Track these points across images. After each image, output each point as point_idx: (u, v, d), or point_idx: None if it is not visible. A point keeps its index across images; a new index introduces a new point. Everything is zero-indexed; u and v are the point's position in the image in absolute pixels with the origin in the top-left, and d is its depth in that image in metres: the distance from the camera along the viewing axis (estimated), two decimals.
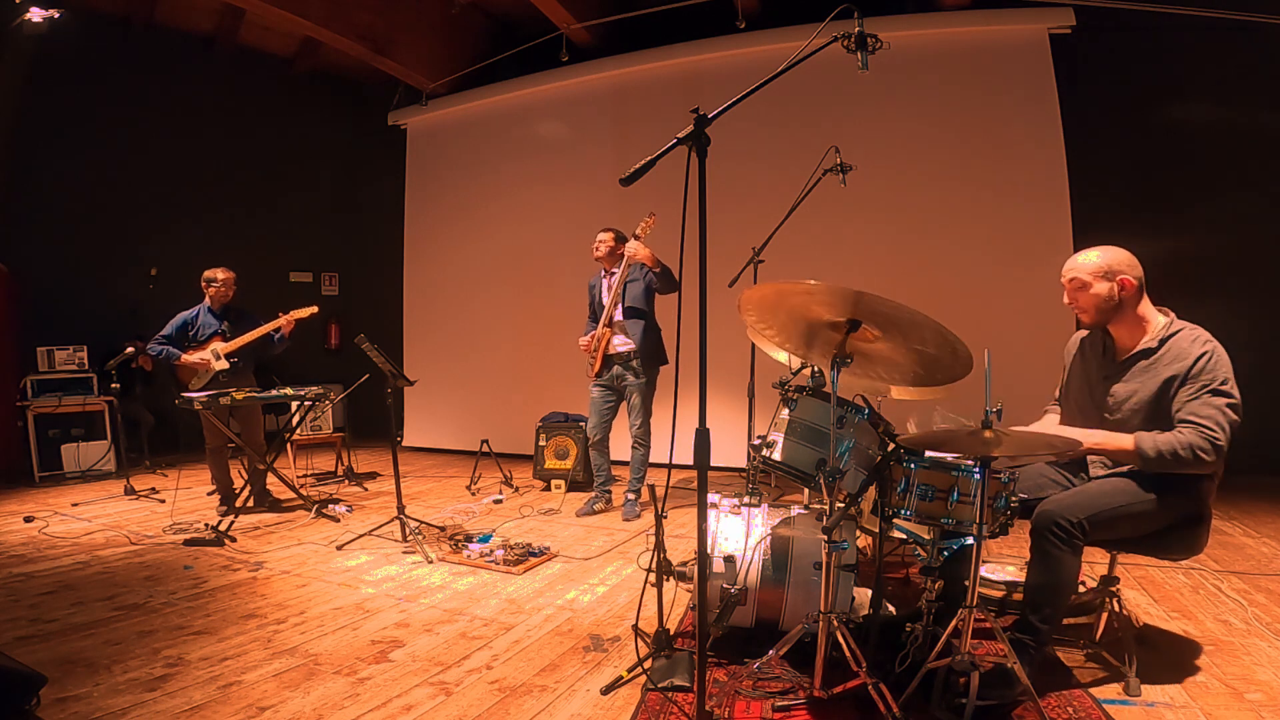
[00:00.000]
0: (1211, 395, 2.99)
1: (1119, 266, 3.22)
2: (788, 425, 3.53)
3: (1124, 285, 3.21)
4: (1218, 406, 2.96)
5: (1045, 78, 7.69)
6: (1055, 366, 3.85)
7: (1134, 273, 3.22)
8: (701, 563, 2.68)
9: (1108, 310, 3.27)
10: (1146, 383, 3.17)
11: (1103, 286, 3.23)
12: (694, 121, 2.56)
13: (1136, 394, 3.19)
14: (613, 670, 3.49)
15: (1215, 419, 2.95)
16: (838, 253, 8.34)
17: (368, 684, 3.37)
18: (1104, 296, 3.24)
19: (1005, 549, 5.22)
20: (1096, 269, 3.24)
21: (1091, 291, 3.26)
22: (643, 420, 6.56)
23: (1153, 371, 3.16)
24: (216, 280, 6.90)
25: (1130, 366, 3.26)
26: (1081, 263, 3.29)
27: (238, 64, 11.60)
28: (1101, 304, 3.26)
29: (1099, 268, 3.24)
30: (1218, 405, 2.97)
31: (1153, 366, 3.17)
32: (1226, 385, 2.99)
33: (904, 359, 3.29)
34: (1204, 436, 2.93)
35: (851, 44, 2.97)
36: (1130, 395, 3.21)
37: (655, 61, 9.44)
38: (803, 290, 3.05)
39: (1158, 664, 3.34)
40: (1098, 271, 3.24)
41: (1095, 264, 3.25)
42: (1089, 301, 3.29)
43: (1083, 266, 3.28)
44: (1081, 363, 3.58)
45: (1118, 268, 3.22)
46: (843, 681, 3.00)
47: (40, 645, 3.85)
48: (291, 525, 6.48)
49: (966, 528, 2.94)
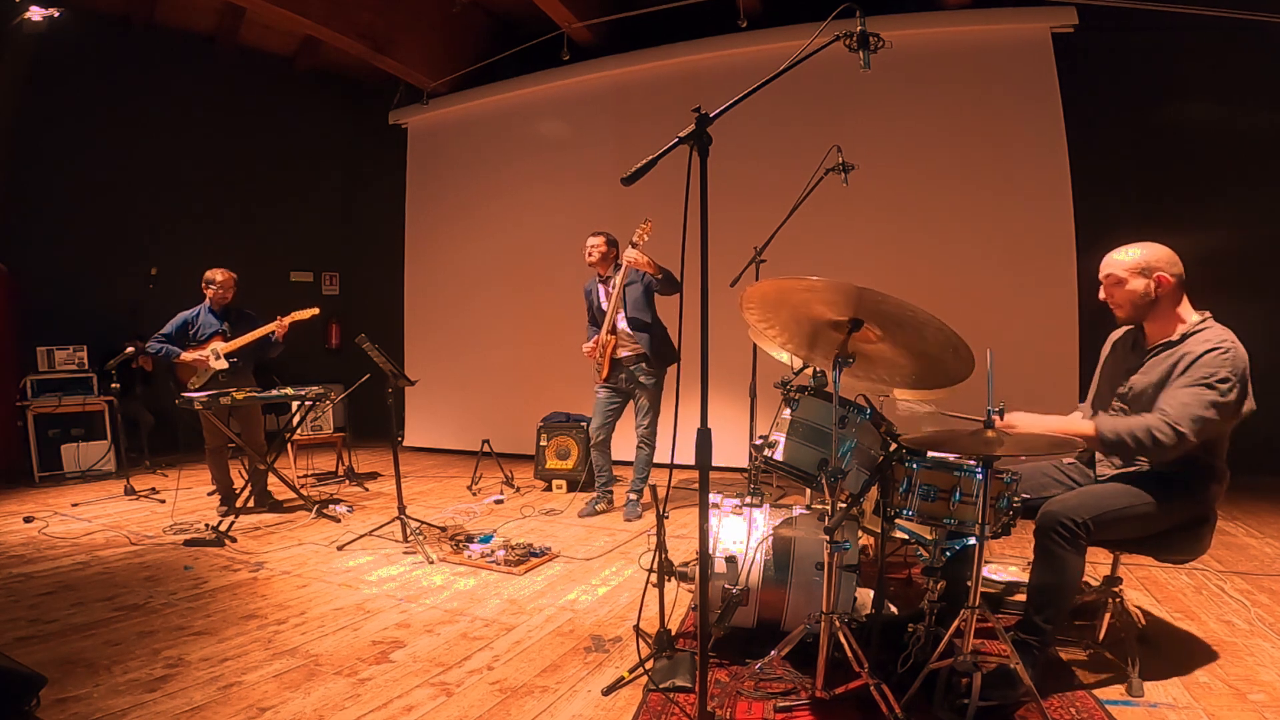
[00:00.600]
0: (1197, 387, 2.98)
1: (1157, 263, 3.21)
2: (789, 425, 3.53)
3: (1160, 282, 3.20)
4: (1196, 397, 2.95)
5: (1048, 77, 7.69)
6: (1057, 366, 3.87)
7: (1172, 270, 3.21)
8: (703, 563, 2.69)
9: (1143, 307, 3.27)
10: (1155, 374, 3.17)
11: (1139, 283, 3.23)
12: (695, 120, 2.56)
13: (1149, 384, 3.19)
14: (614, 671, 3.49)
15: (1188, 410, 2.94)
16: (840, 253, 8.33)
17: (368, 685, 3.38)
18: (1139, 293, 3.24)
19: (1008, 549, 5.23)
20: (1134, 265, 3.24)
21: (1127, 288, 3.26)
22: (650, 420, 6.57)
23: (1166, 363, 3.15)
24: (215, 281, 6.91)
25: (1151, 358, 3.26)
26: (1119, 259, 3.30)
27: (238, 63, 11.60)
28: (1137, 300, 3.26)
29: (1136, 264, 3.24)
30: (1196, 395, 2.96)
31: (1168, 358, 3.16)
32: (1222, 384, 2.96)
33: (906, 359, 3.28)
34: (1165, 420, 2.93)
35: (854, 43, 2.98)
36: (1144, 386, 3.21)
37: (657, 60, 9.45)
38: (805, 287, 3.05)
39: (1161, 664, 3.34)
40: (1135, 268, 3.24)
41: (1133, 260, 3.25)
42: (1124, 297, 3.29)
43: (1120, 263, 3.29)
44: (1112, 358, 3.59)
45: (1156, 264, 3.21)
46: (845, 682, 3.01)
47: (40, 646, 3.86)
48: (292, 525, 6.48)
49: (969, 528, 2.95)
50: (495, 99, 10.76)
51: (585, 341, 6.80)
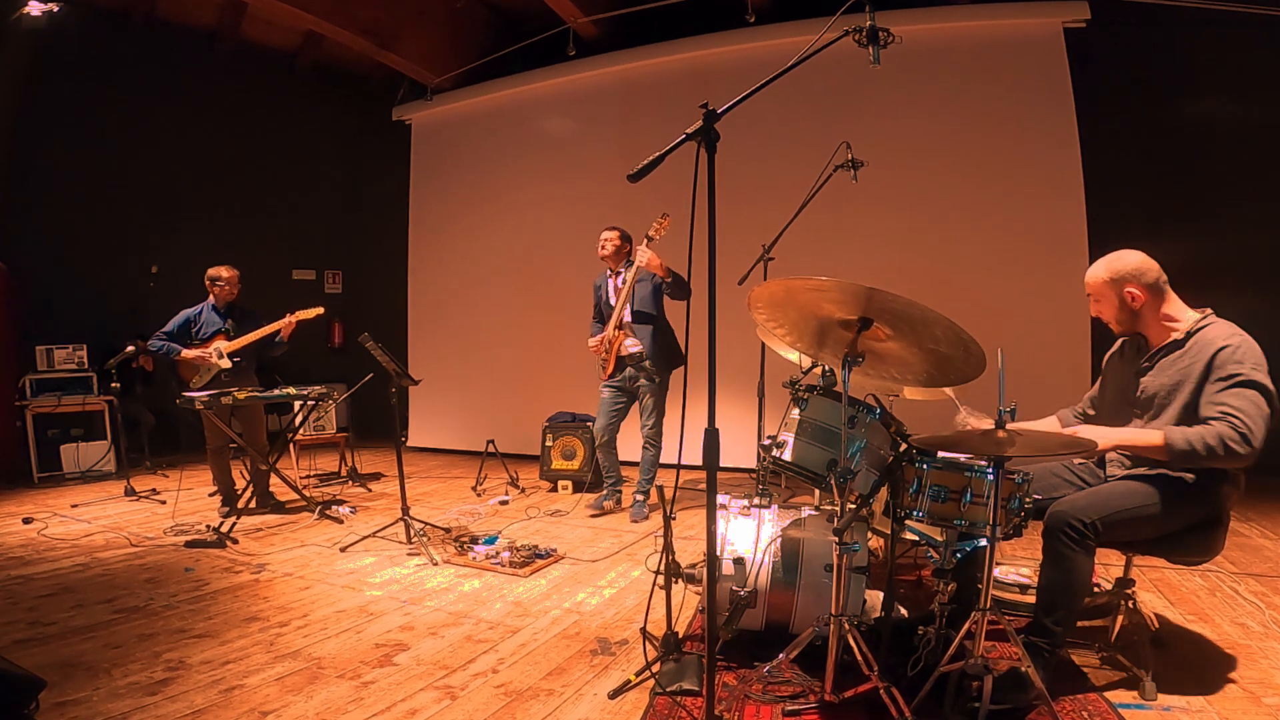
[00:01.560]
0: (1241, 387, 2.97)
1: (1125, 275, 3.26)
2: (798, 425, 3.54)
3: (1132, 296, 3.25)
4: (1249, 398, 2.94)
5: (1060, 72, 7.67)
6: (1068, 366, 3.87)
7: (1143, 280, 3.24)
8: (711, 565, 2.68)
9: (1127, 319, 3.31)
10: (1171, 375, 3.18)
11: (1113, 297, 3.29)
12: (703, 117, 2.55)
13: (1163, 386, 3.19)
14: (620, 674, 3.50)
15: (1246, 410, 2.92)
16: (849, 251, 8.33)
17: (371, 688, 3.39)
18: (1118, 305, 3.30)
19: (1019, 551, 5.22)
20: (1103, 281, 3.30)
21: (1105, 303, 3.32)
22: (655, 420, 6.57)
23: (1179, 364, 3.16)
24: (221, 279, 6.93)
25: (1159, 360, 3.27)
26: (1090, 277, 3.36)
27: (240, 59, 11.60)
28: (1119, 314, 3.32)
29: (1105, 279, 3.30)
30: (1249, 397, 2.95)
31: (1180, 359, 3.17)
32: (1257, 375, 2.97)
33: (916, 358, 3.29)
34: (1234, 427, 2.91)
35: (863, 38, 2.96)
36: (1158, 389, 3.22)
37: (663, 56, 9.45)
38: (813, 287, 3.05)
39: (1174, 667, 3.35)
40: (1105, 283, 3.30)
41: (1101, 276, 3.32)
42: (1108, 313, 3.36)
43: (1092, 280, 3.36)
44: (1120, 362, 3.59)
45: (1123, 277, 3.26)
46: (854, 685, 3.01)
47: (39, 648, 3.87)
48: (294, 527, 6.50)
49: (979, 529, 2.94)
50: (500, 95, 10.77)
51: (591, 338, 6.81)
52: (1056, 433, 3.21)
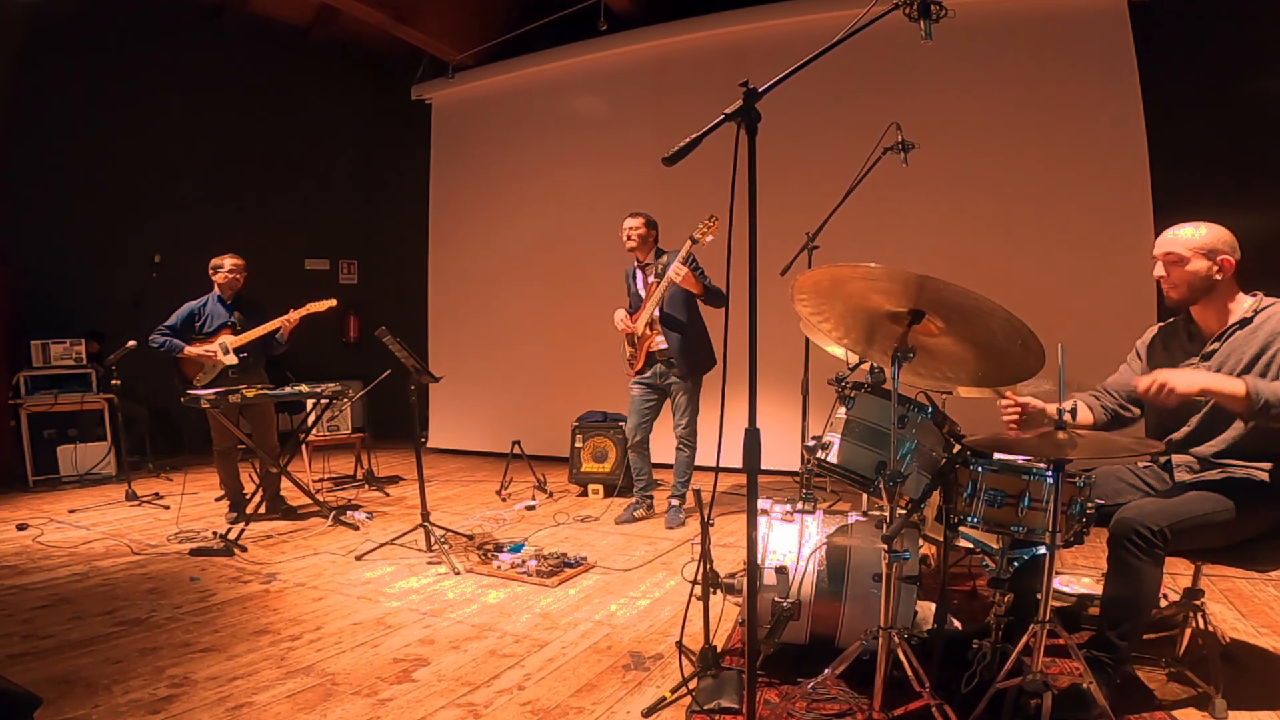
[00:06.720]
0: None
1: (1222, 246, 3.25)
2: (845, 425, 3.56)
3: (1224, 266, 3.24)
4: None
5: (1124, 48, 7.61)
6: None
7: (1235, 254, 3.26)
8: (751, 574, 2.70)
9: (1199, 289, 3.30)
10: (1246, 349, 3.19)
11: (1201, 264, 3.26)
12: (743, 96, 2.56)
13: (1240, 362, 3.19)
14: (655, 691, 3.53)
15: None
16: (899, 238, 8.32)
17: (389, 706, 3.42)
18: (1200, 274, 3.27)
19: (1080, 559, 5.21)
20: (1199, 245, 3.27)
21: (1188, 268, 3.28)
22: (689, 420, 6.61)
23: (1252, 339, 3.18)
24: (224, 267, 6.94)
25: (1227, 339, 3.28)
26: (1182, 237, 3.32)
27: (248, 34, 11.57)
28: (1195, 281, 3.29)
29: (1202, 244, 3.27)
30: None
31: (1253, 335, 3.19)
32: None
33: (970, 354, 3.29)
34: None
35: (914, 11, 2.95)
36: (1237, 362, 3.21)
37: (701, 31, 9.45)
38: (861, 275, 3.06)
39: (1245, 684, 3.34)
40: (1200, 248, 3.27)
41: (1197, 240, 3.28)
42: (1182, 278, 3.32)
43: (1183, 241, 3.31)
44: (1165, 355, 3.58)
45: (1220, 247, 3.25)
46: (904, 703, 3.04)
47: (35, 663, 3.91)
48: (307, 533, 6.57)
49: (1038, 536, 2.95)
50: (526, 73, 10.81)
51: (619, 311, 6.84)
52: (1195, 387, 3.05)
